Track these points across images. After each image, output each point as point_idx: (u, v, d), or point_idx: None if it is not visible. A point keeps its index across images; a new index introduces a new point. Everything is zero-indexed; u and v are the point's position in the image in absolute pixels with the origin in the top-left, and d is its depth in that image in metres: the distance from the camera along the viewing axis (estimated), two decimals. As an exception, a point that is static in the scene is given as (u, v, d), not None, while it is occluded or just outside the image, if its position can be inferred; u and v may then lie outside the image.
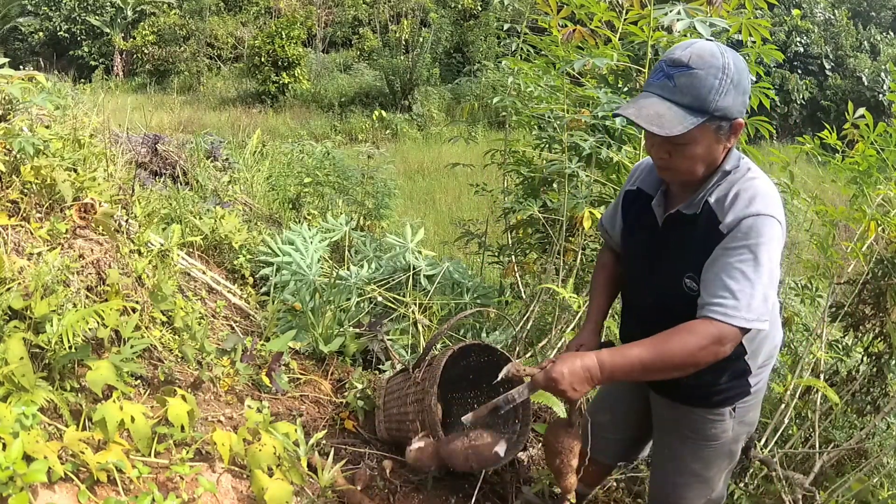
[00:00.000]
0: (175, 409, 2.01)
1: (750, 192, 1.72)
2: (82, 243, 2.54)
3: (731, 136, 1.73)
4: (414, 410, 2.48)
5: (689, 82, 1.66)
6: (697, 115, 1.66)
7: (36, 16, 21.43)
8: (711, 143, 1.72)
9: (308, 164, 6.09)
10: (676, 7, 2.91)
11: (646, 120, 1.67)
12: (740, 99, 1.69)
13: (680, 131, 1.64)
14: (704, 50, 1.67)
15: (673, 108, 1.66)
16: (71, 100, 4.28)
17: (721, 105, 1.66)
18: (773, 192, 1.75)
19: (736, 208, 1.71)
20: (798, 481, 2.59)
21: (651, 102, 1.69)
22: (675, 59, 1.68)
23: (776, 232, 1.69)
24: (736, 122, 1.71)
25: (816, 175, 7.84)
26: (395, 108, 16.38)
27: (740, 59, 1.69)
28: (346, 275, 3.58)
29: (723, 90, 1.65)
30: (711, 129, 1.69)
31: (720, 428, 2.04)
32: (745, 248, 1.68)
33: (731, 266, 1.68)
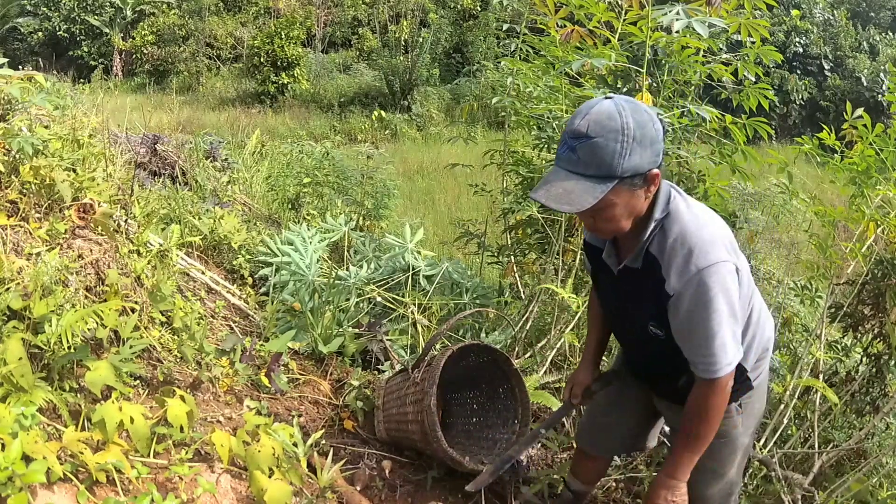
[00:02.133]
0: (174, 409, 2.01)
1: (687, 244, 1.72)
2: (81, 243, 2.54)
3: (650, 186, 1.72)
4: (413, 411, 2.48)
5: (590, 152, 1.64)
6: (606, 181, 1.65)
7: (35, 16, 21.40)
8: (629, 200, 1.71)
9: (307, 165, 6.08)
10: (675, 7, 2.91)
11: (554, 200, 1.67)
12: (648, 152, 1.66)
13: (590, 204, 1.65)
14: (602, 114, 1.63)
15: (581, 182, 1.66)
16: (70, 100, 4.27)
17: (628, 166, 1.64)
18: (710, 230, 1.75)
19: (677, 267, 1.73)
20: (797, 481, 2.59)
21: (559, 180, 1.68)
22: (574, 130, 1.66)
23: (721, 277, 1.71)
24: (650, 174, 1.69)
25: (815, 175, 7.85)
26: (394, 108, 16.37)
27: (641, 111, 1.65)
28: (345, 275, 3.58)
29: (626, 152, 1.63)
30: (625, 188, 1.68)
31: (729, 424, 2.05)
32: (700, 309, 1.72)
33: (696, 329, 1.75)
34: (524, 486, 2.71)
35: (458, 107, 16.06)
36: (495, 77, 6.83)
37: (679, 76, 3.69)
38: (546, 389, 3.08)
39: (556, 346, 3.30)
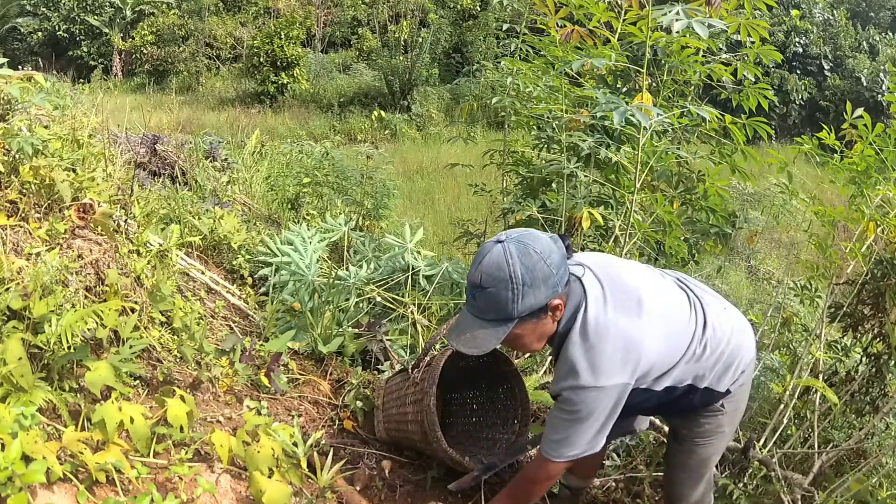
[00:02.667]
0: (174, 409, 2.01)
1: (569, 363, 1.83)
2: (81, 243, 2.54)
3: (555, 312, 1.83)
4: (413, 411, 2.48)
5: (486, 301, 1.77)
6: (505, 324, 1.78)
7: (35, 16, 21.39)
8: (535, 328, 1.84)
9: (307, 165, 6.08)
10: (675, 7, 2.91)
11: (464, 345, 1.83)
12: (542, 289, 1.75)
13: (494, 345, 1.80)
14: (491, 265, 1.74)
15: (484, 325, 1.80)
16: (70, 100, 4.27)
17: (523, 308, 1.75)
18: (591, 356, 1.82)
19: (556, 377, 1.90)
20: (797, 481, 2.59)
21: (467, 323, 1.83)
22: (471, 281, 1.80)
23: (589, 398, 1.82)
24: (551, 304, 1.80)
25: (815, 175, 7.86)
26: (394, 108, 16.37)
27: (529, 253, 1.73)
28: (344, 275, 3.57)
29: (518, 297, 1.73)
30: (528, 322, 1.81)
31: (714, 423, 2.14)
32: (562, 412, 1.89)
33: (555, 422, 1.92)
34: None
35: (458, 107, 16.06)
36: (495, 77, 6.83)
37: (679, 76, 3.70)
38: (546, 389, 3.08)
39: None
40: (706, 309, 2.02)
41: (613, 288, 1.90)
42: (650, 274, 2.06)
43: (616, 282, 1.92)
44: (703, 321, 1.99)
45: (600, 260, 2.02)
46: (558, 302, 1.80)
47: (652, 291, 1.95)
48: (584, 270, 1.91)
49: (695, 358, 1.96)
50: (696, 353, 1.96)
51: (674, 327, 1.93)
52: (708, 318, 2.00)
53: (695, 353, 1.96)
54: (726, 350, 2.00)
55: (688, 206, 3.64)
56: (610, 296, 1.88)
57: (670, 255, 3.40)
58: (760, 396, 3.26)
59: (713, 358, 1.98)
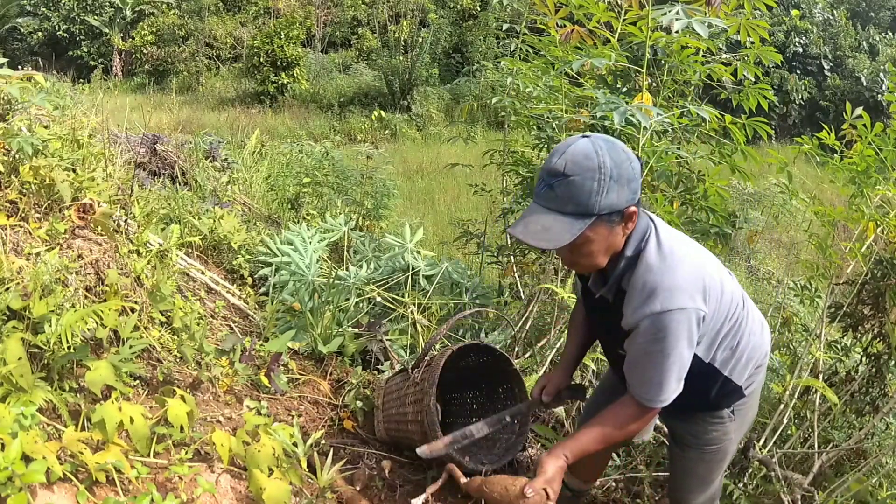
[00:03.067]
0: (174, 409, 2.01)
1: (648, 287, 1.76)
2: (81, 243, 2.54)
3: (628, 223, 1.75)
4: (413, 411, 2.48)
5: (567, 191, 1.67)
6: (583, 219, 1.68)
7: (35, 16, 21.39)
8: (606, 236, 1.75)
9: (307, 165, 6.08)
10: (675, 7, 2.91)
11: (533, 237, 1.71)
12: (625, 189, 1.68)
13: (567, 241, 1.68)
14: (578, 154, 1.67)
15: (558, 219, 1.69)
16: (70, 100, 4.27)
17: (605, 204, 1.67)
18: (677, 275, 1.76)
19: (632, 306, 1.79)
20: (797, 481, 2.60)
21: (537, 216, 1.72)
22: (551, 169, 1.69)
23: (677, 323, 1.74)
24: (627, 211, 1.72)
25: (815, 175, 7.86)
26: (394, 108, 16.37)
27: (618, 150, 1.68)
28: (344, 275, 3.57)
29: (603, 190, 1.66)
30: (603, 225, 1.72)
31: (721, 430, 2.10)
32: (649, 345, 1.79)
33: (642, 361, 1.83)
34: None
35: (458, 107, 16.06)
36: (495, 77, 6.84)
37: (679, 76, 3.69)
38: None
39: (556, 346, 3.30)
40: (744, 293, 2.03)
41: (675, 231, 1.90)
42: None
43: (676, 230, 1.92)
44: (743, 298, 1.98)
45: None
46: (635, 210, 1.74)
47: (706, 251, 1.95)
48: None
49: (733, 331, 1.92)
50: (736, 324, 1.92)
51: (727, 281, 1.91)
52: (745, 298, 2.00)
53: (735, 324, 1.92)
54: (751, 340, 1.98)
55: (688, 205, 3.63)
56: (675, 232, 1.88)
57: (670, 255, 3.40)
58: (760, 396, 3.26)
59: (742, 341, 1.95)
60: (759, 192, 5.78)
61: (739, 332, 1.94)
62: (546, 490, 1.83)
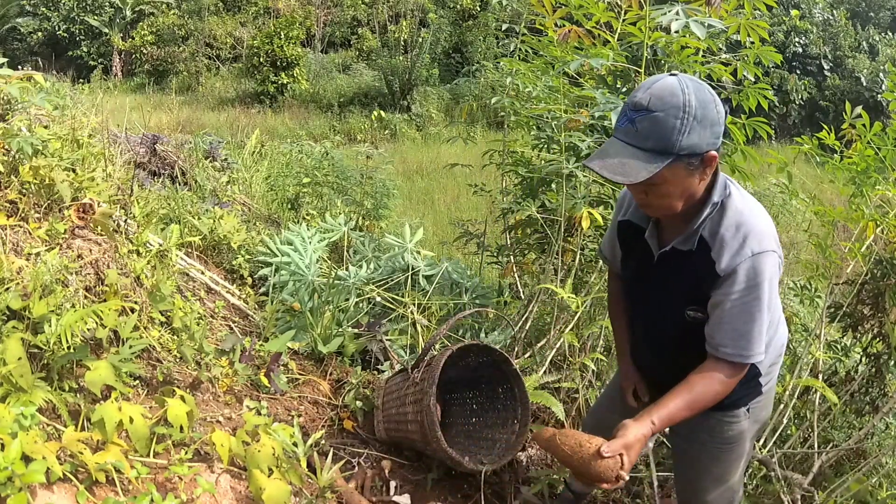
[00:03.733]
0: (174, 409, 2.01)
1: (742, 229, 1.73)
2: (81, 243, 2.54)
3: (706, 168, 1.72)
4: (413, 411, 2.48)
5: (650, 126, 1.64)
6: (662, 157, 1.64)
7: (34, 16, 21.40)
8: (685, 179, 1.71)
9: (307, 165, 6.08)
10: (674, 7, 2.91)
11: (609, 170, 1.67)
12: (708, 132, 1.65)
13: (644, 177, 1.64)
14: (664, 90, 1.63)
15: (637, 153, 1.66)
16: (69, 100, 4.28)
17: (686, 144, 1.63)
18: (762, 221, 1.76)
19: (730, 250, 1.74)
20: (797, 481, 2.60)
21: (616, 150, 1.69)
22: (635, 103, 1.66)
23: (771, 266, 1.73)
24: (707, 156, 1.68)
25: (815, 175, 7.85)
26: (393, 108, 16.37)
27: (704, 91, 1.65)
28: (344, 275, 3.57)
29: (685, 129, 1.62)
30: (681, 167, 1.68)
31: (736, 429, 2.07)
32: (746, 292, 1.74)
33: (738, 312, 1.75)
34: (524, 487, 2.71)
35: (458, 107, 16.07)
36: (494, 77, 6.85)
37: (678, 76, 3.69)
38: (545, 389, 3.08)
39: (556, 346, 3.30)
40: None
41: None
42: None
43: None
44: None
45: None
46: (715, 155, 1.69)
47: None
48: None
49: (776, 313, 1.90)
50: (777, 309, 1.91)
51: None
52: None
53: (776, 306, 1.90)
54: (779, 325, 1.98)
55: (687, 205, 3.63)
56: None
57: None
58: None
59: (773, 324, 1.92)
60: (759, 192, 5.78)
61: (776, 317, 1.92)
62: (622, 456, 1.72)
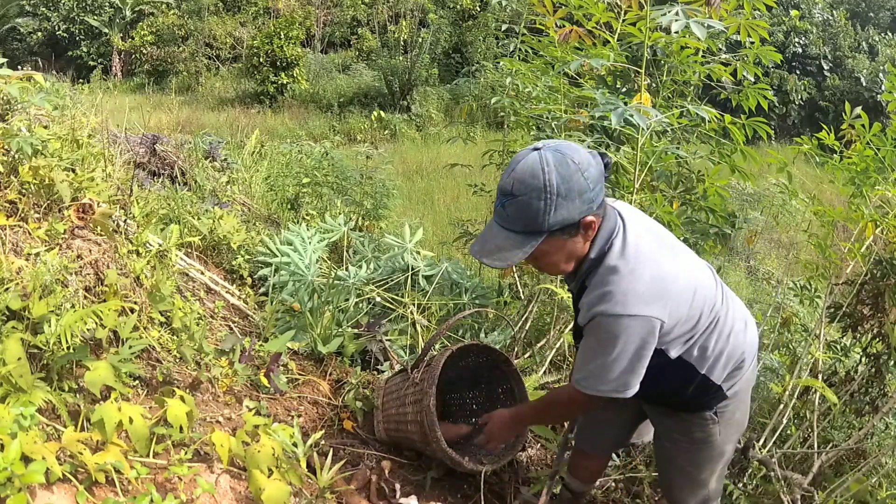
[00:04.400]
0: (174, 409, 2.01)
1: (604, 287, 1.75)
2: (80, 244, 2.54)
3: (587, 231, 1.74)
4: (413, 411, 2.48)
5: (516, 210, 1.68)
6: (535, 236, 1.69)
7: (34, 16, 21.38)
8: (565, 246, 1.75)
9: (306, 165, 6.07)
10: (674, 8, 2.91)
11: (487, 256, 1.75)
12: (577, 203, 1.66)
13: (520, 258, 1.71)
14: (525, 172, 1.65)
15: (511, 236, 1.71)
16: (69, 100, 4.27)
17: (554, 221, 1.67)
18: (637, 282, 1.74)
19: (587, 305, 1.79)
20: (797, 481, 2.59)
21: (493, 234, 1.75)
22: (502, 188, 1.71)
23: (621, 327, 1.74)
24: (584, 222, 1.71)
25: (815, 175, 7.87)
26: (393, 108, 16.37)
27: (567, 163, 1.64)
28: (344, 275, 3.57)
29: (550, 208, 1.65)
30: (558, 238, 1.72)
31: (707, 431, 2.09)
32: (596, 342, 1.81)
33: (589, 352, 1.85)
34: (524, 487, 2.71)
35: (458, 107, 16.06)
36: (494, 77, 6.86)
37: (678, 76, 3.70)
38: (545, 389, 3.08)
39: (556, 346, 3.30)
40: (723, 287, 2.01)
41: (649, 227, 1.88)
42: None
43: (651, 225, 1.90)
44: (722, 296, 1.96)
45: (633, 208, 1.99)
46: (592, 219, 1.72)
47: (684, 249, 1.94)
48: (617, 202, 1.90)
49: (707, 331, 1.91)
50: (711, 325, 1.91)
51: (701, 283, 1.88)
52: (725, 295, 1.98)
53: (710, 324, 1.91)
54: (731, 338, 1.96)
55: (687, 206, 3.64)
56: (645, 231, 1.84)
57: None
58: (760, 396, 3.26)
59: (721, 340, 1.93)
60: (759, 193, 5.79)
61: (716, 330, 1.92)
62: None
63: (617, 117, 2.67)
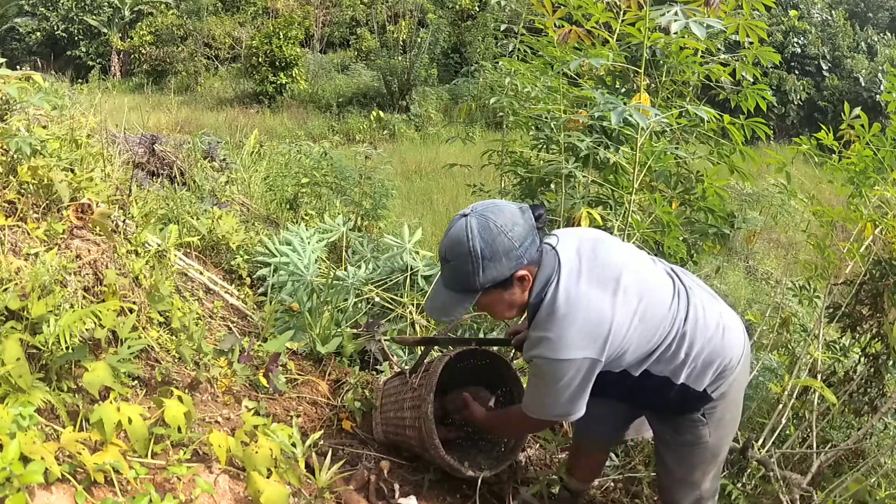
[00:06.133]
0: (171, 410, 2.00)
1: (539, 333, 1.87)
2: (79, 244, 2.53)
3: (523, 282, 1.87)
4: (411, 417, 2.48)
5: (451, 273, 1.87)
6: (472, 294, 1.87)
7: (33, 16, 21.37)
8: (503, 297, 1.90)
9: (305, 165, 6.08)
10: (673, 8, 2.91)
11: (434, 312, 2.00)
12: (504, 262, 1.80)
13: (462, 314, 1.93)
14: (453, 240, 1.82)
15: (453, 294, 1.90)
16: (68, 100, 4.27)
17: (485, 280, 1.82)
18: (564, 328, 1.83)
19: (527, 346, 1.94)
20: (795, 481, 2.60)
21: (438, 292, 1.95)
22: (439, 253, 1.90)
23: (555, 370, 1.86)
24: (516, 276, 1.84)
25: (813, 176, 7.86)
26: (392, 108, 16.37)
27: (489, 229, 1.78)
28: (343, 275, 3.57)
29: (479, 270, 1.80)
30: (493, 292, 1.87)
31: (697, 433, 2.10)
32: (536, 378, 1.97)
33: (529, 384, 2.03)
34: (522, 487, 2.71)
35: (457, 107, 16.06)
36: (493, 77, 6.85)
37: (677, 76, 3.70)
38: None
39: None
40: (691, 300, 1.99)
41: (592, 262, 1.90)
42: (640, 257, 2.04)
43: (597, 257, 1.92)
44: (686, 311, 1.96)
45: (589, 235, 2.02)
46: (524, 273, 1.84)
47: (633, 271, 1.92)
48: (558, 241, 1.94)
49: (672, 347, 1.94)
50: (675, 342, 1.94)
51: (651, 309, 1.90)
52: (690, 307, 1.97)
53: (673, 341, 1.93)
54: (707, 347, 1.96)
55: (686, 206, 3.64)
56: (586, 269, 1.88)
57: (669, 256, 3.40)
58: (759, 396, 3.27)
59: (693, 352, 1.94)
60: (758, 193, 5.78)
61: (685, 343, 1.95)
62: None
63: (616, 116, 2.67)
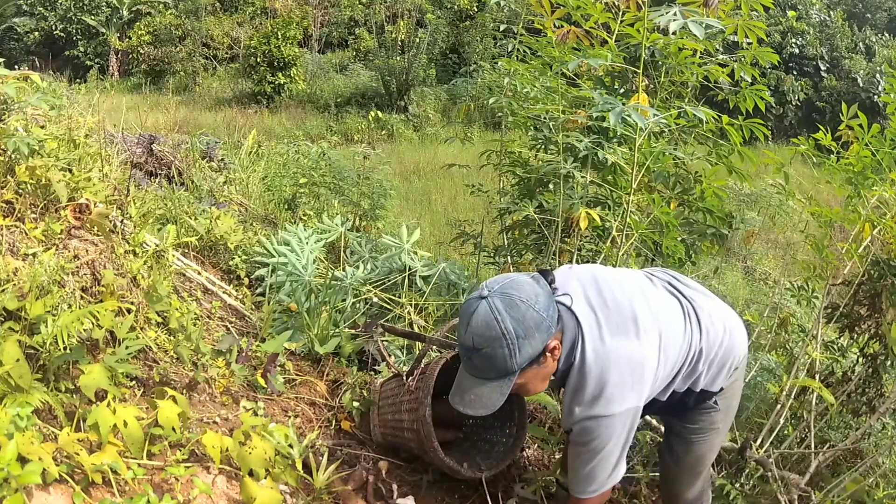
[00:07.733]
0: (165, 411, 2.00)
1: (577, 396, 1.82)
2: (77, 244, 2.53)
3: (554, 352, 1.80)
4: (409, 419, 2.48)
5: (483, 362, 1.74)
6: (508, 377, 1.76)
7: (31, 16, 21.35)
8: (539, 372, 1.82)
9: (304, 165, 6.08)
10: (672, 9, 2.91)
11: (469, 406, 1.82)
12: (537, 337, 1.72)
13: (501, 402, 1.79)
14: (481, 325, 1.70)
15: (486, 385, 1.78)
16: (66, 100, 4.27)
17: (522, 360, 1.72)
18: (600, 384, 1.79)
19: (565, 411, 1.87)
20: (794, 481, 2.60)
21: (468, 384, 1.82)
22: (463, 344, 1.77)
23: (602, 428, 1.81)
24: (548, 348, 1.77)
25: (812, 176, 7.86)
26: (391, 108, 16.36)
27: (515, 304, 1.70)
28: (341, 275, 3.57)
29: (515, 351, 1.70)
30: (528, 370, 1.78)
31: (710, 420, 2.16)
32: (580, 447, 1.87)
33: (574, 461, 1.92)
34: (521, 486, 2.71)
35: (455, 107, 16.07)
36: (492, 77, 6.86)
37: (676, 77, 3.70)
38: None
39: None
40: (699, 313, 2.02)
41: (605, 310, 1.87)
42: (640, 283, 2.02)
43: (606, 302, 1.89)
44: (699, 327, 1.99)
45: (586, 277, 1.97)
46: (555, 343, 1.79)
47: (644, 307, 1.91)
48: (572, 300, 1.87)
49: (692, 364, 1.99)
50: (694, 360, 1.98)
51: (670, 340, 1.92)
52: (702, 322, 2.00)
53: (693, 360, 1.98)
54: (720, 352, 2.02)
55: (685, 206, 3.64)
56: (604, 320, 1.85)
57: (667, 256, 3.41)
58: (757, 397, 3.27)
59: (708, 361, 2.01)
60: (756, 193, 5.79)
61: (701, 358, 1.99)
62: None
63: (615, 117, 2.67)
